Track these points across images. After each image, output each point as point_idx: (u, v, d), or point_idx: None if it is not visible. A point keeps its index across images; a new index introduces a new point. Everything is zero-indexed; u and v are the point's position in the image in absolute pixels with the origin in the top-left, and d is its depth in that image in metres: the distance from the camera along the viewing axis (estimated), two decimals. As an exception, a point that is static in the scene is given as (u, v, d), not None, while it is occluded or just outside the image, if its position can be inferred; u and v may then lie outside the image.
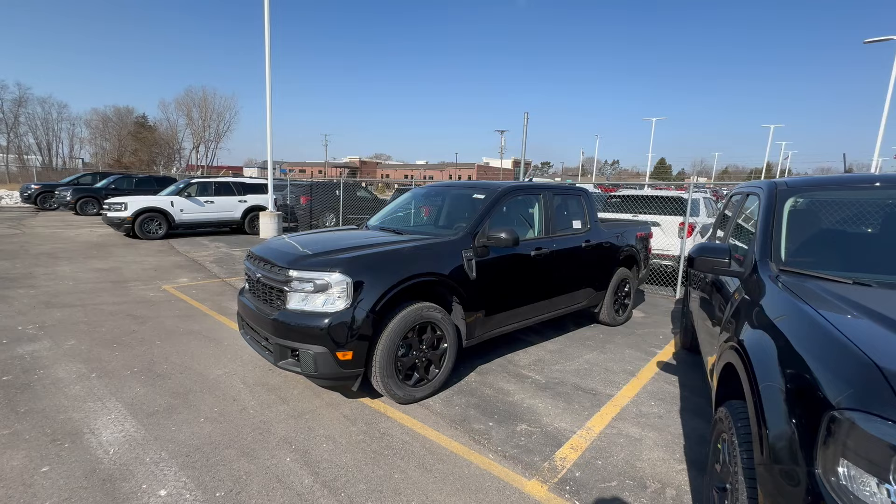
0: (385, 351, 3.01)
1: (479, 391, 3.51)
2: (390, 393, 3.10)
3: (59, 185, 18.60)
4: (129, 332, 4.54)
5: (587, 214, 4.92)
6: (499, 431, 2.92)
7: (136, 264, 8.15)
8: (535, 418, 3.11)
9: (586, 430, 2.97)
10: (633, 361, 4.27)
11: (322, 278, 2.92)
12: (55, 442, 2.62)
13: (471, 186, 4.39)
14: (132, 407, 3.06)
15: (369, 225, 4.54)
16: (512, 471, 2.51)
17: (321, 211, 15.49)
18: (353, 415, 3.07)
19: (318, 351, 2.87)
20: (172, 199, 11.71)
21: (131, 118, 62.89)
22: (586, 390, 3.60)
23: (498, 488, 2.36)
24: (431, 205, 4.63)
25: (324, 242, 3.55)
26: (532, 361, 4.18)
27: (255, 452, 2.60)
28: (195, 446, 2.63)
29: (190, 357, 3.98)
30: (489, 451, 2.68)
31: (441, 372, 3.40)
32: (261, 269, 3.30)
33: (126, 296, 5.95)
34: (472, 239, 3.60)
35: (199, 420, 2.93)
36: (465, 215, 4.04)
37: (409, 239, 3.57)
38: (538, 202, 4.39)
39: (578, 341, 4.82)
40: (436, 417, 3.07)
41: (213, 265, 8.32)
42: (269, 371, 3.74)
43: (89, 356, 3.91)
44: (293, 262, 3.06)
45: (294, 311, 2.98)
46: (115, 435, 2.71)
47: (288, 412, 3.08)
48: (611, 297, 5.21)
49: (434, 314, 3.26)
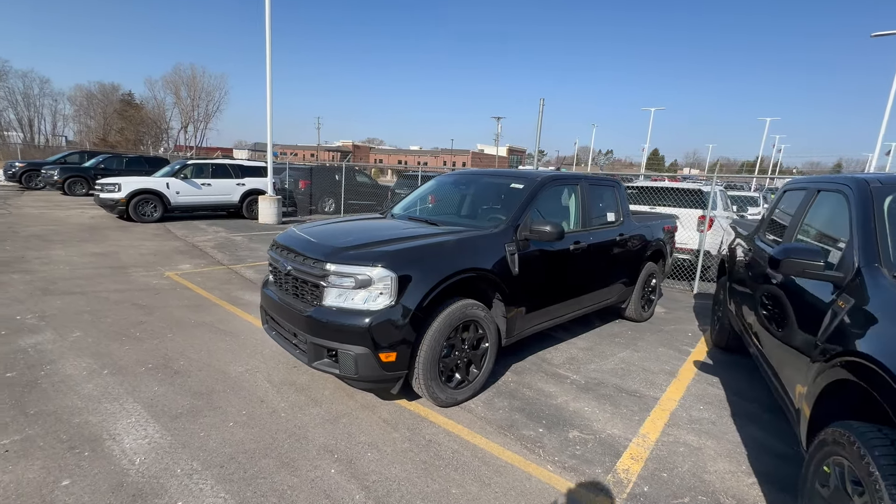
0: (429, 352, 2.80)
1: (519, 393, 3.32)
2: (432, 396, 2.90)
3: (45, 164, 17.88)
4: (137, 323, 4.27)
5: (620, 206, 4.72)
6: (551, 439, 2.74)
7: (134, 249, 7.79)
8: (586, 424, 2.94)
9: (642, 438, 2.81)
10: (670, 361, 4.12)
11: (364, 273, 2.68)
12: (73, 450, 2.38)
13: (505, 175, 4.15)
14: (153, 408, 2.82)
15: (395, 214, 4.28)
16: (575, 485, 2.33)
17: (321, 196, 15.12)
18: (392, 419, 2.87)
19: (359, 352, 2.64)
20: (168, 181, 11.26)
21: (117, 95, 60.92)
22: (630, 392, 3.43)
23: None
24: (461, 194, 4.38)
25: (358, 233, 3.30)
26: (565, 360, 4.01)
27: (295, 463, 2.38)
28: (228, 455, 2.41)
29: (207, 352, 3.73)
30: (547, 462, 2.50)
31: (481, 373, 3.21)
32: (290, 260, 3.04)
33: (128, 283, 5.64)
34: (514, 232, 3.38)
35: (228, 424, 2.70)
36: (502, 206, 3.81)
37: (447, 231, 3.34)
38: (575, 193, 4.17)
39: (607, 338, 4.66)
40: (481, 422, 2.88)
41: (214, 251, 7.99)
42: (293, 368, 3.51)
43: (98, 350, 3.64)
44: (330, 254, 2.81)
45: (331, 307, 2.74)
46: (139, 441, 2.48)
47: (323, 416, 2.86)
48: (639, 293, 5.05)
49: (477, 312, 3.05)
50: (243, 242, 9.01)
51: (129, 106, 59.94)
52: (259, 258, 7.58)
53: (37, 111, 56.20)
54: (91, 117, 59.59)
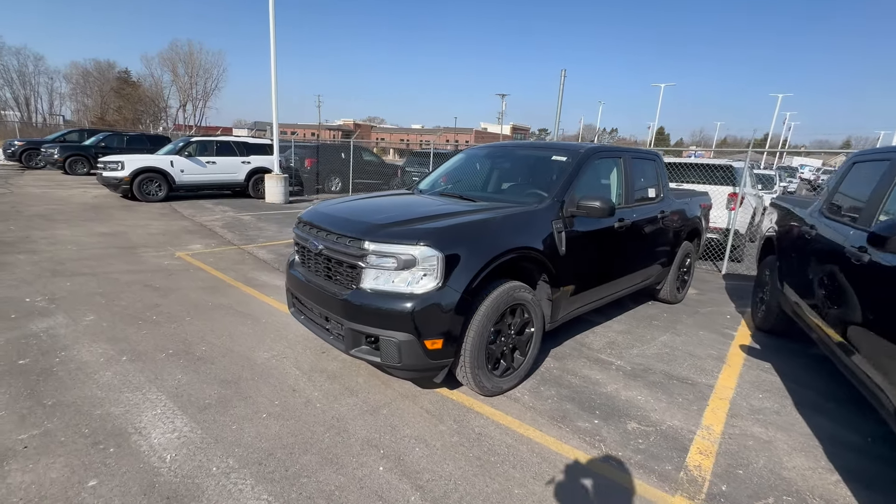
0: (477, 338, 2.57)
1: (564, 380, 3.12)
2: (478, 385, 2.69)
3: (44, 143, 17.49)
4: (153, 306, 4.05)
5: (660, 182, 4.43)
6: (609, 431, 2.54)
7: (141, 228, 7.54)
8: (643, 415, 2.73)
9: (706, 431, 2.60)
10: (715, 345, 3.91)
11: (407, 252, 2.43)
12: (97, 445, 2.18)
13: (544, 147, 3.86)
14: (178, 399, 2.62)
15: (423, 190, 4.00)
16: (647, 483, 2.13)
17: (327, 175, 14.76)
18: (435, 409, 2.67)
19: (402, 339, 2.42)
20: (172, 159, 10.93)
21: (113, 73, 59.67)
22: (681, 380, 3.23)
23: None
24: (494, 168, 4.09)
25: (393, 209, 3.04)
26: (605, 344, 3.79)
27: (339, 459, 2.19)
28: (266, 451, 2.21)
29: (228, 337, 3.52)
30: (611, 458, 2.30)
31: (526, 359, 2.99)
32: (321, 239, 2.79)
33: (139, 263, 5.42)
34: (560, 208, 3.11)
35: (261, 416, 2.50)
36: (542, 181, 3.53)
37: (489, 207, 3.07)
38: (617, 167, 3.87)
39: (644, 321, 4.43)
40: (531, 413, 2.68)
41: (224, 231, 7.74)
42: (322, 354, 3.31)
43: (114, 335, 3.43)
44: (368, 232, 2.56)
45: (371, 290, 2.50)
46: (168, 436, 2.28)
47: (361, 406, 2.66)
48: (675, 273, 4.80)
49: (524, 295, 2.81)
50: (252, 222, 8.76)
51: (126, 84, 58.79)
52: (270, 238, 7.33)
53: (33, 90, 55.24)
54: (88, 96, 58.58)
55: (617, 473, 2.19)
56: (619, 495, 2.05)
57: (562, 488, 2.07)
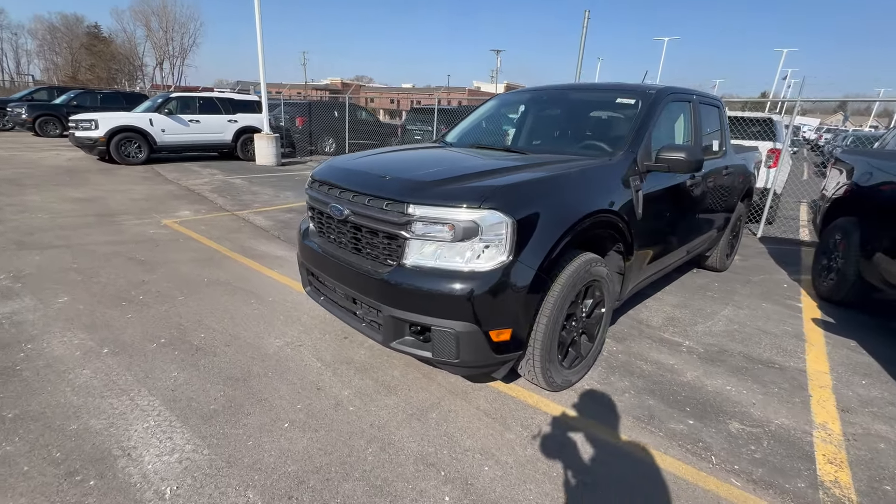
0: (550, 326, 2.05)
1: (635, 367, 2.64)
2: (548, 381, 2.20)
3: (9, 101, 16.13)
4: (139, 284, 3.47)
5: (723, 134, 3.83)
6: (711, 435, 2.08)
7: (122, 193, 6.81)
8: (742, 411, 2.28)
9: (824, 431, 2.16)
10: (786, 320, 3.45)
11: (466, 217, 1.85)
12: (72, 477, 1.66)
13: (603, 89, 3.22)
14: (176, 404, 2.10)
15: (454, 143, 3.37)
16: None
17: (320, 135, 13.83)
18: (495, 411, 2.18)
19: (462, 329, 1.88)
20: (151, 117, 9.97)
21: (82, 28, 55.77)
22: (765, 363, 2.77)
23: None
24: (541, 114, 3.44)
25: (433, 163, 2.44)
26: (664, 321, 3.32)
27: (391, 487, 1.70)
28: (295, 477, 1.72)
29: (230, 320, 2.98)
30: (728, 473, 1.85)
31: (595, 345, 2.50)
32: (345, 202, 2.19)
33: (120, 233, 4.77)
34: (634, 162, 2.53)
35: (283, 426, 2.00)
36: (604, 129, 2.94)
37: (549, 161, 2.47)
38: (685, 113, 3.26)
39: (696, 292, 3.96)
40: (610, 413, 2.20)
41: (214, 195, 7.04)
42: (344, 340, 2.79)
43: (92, 320, 2.86)
44: (412, 191, 1.97)
45: (416, 268, 1.95)
46: (166, 459, 1.77)
47: (403, 408, 2.16)
48: (727, 238, 4.30)
49: (600, 269, 2.28)
50: (244, 186, 8.03)
51: (98, 40, 55.06)
52: (266, 203, 6.66)
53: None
54: (57, 53, 54.94)
55: (744, 497, 1.73)
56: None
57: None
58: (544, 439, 2.00)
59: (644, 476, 1.81)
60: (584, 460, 1.88)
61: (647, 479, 1.80)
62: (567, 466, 1.84)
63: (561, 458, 1.89)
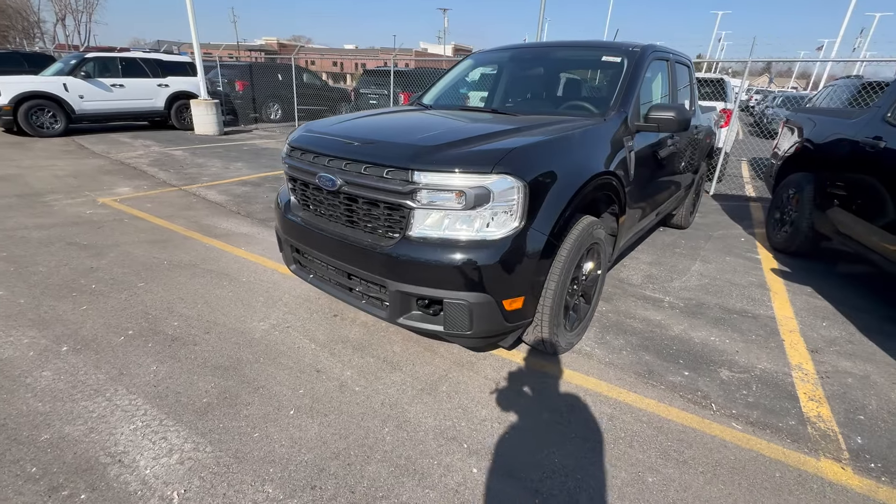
0: (558, 290, 2.03)
1: (626, 325, 2.73)
2: (554, 344, 2.20)
3: None
4: (87, 272, 3.10)
5: (692, 92, 3.91)
6: (706, 384, 2.19)
7: (43, 170, 6.02)
8: (728, 359, 2.42)
9: (800, 371, 2.34)
10: (749, 271, 3.69)
11: (478, 183, 1.75)
12: (57, 492, 1.47)
13: (587, 46, 3.13)
14: (163, 401, 1.91)
15: (430, 104, 3.19)
16: (783, 447, 1.82)
17: (264, 100, 12.85)
18: (502, 379, 2.17)
19: (475, 300, 1.82)
20: (65, 81, 8.78)
21: (-43, -26, 47.30)
22: (739, 313, 2.96)
23: (798, 481, 1.66)
24: (522, 75, 3.32)
25: (429, 126, 2.28)
26: (643, 279, 3.44)
27: (416, 465, 1.65)
28: (314, 465, 1.63)
29: (205, 304, 2.74)
30: (729, 419, 1.96)
31: (591, 307, 2.54)
32: (337, 171, 2.01)
33: (51, 215, 4.23)
34: (625, 121, 2.51)
35: (289, 413, 1.88)
36: (595, 88, 2.89)
37: (545, 122, 2.39)
38: (663, 73, 3.27)
39: (666, 249, 4.13)
40: (614, 371, 2.27)
41: (154, 169, 6.39)
42: (335, 317, 2.66)
43: (40, 315, 2.53)
44: (415, 156, 1.82)
45: (424, 238, 1.84)
46: (165, 461, 1.61)
47: (412, 384, 2.10)
48: (692, 196, 4.49)
49: (599, 232, 2.28)
50: (187, 158, 7.35)
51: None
52: (215, 176, 6.15)
53: None
54: (-73, 5, 46.50)
55: (746, 439, 1.85)
56: (766, 469, 1.72)
57: (698, 467, 1.70)
58: (556, 403, 2.02)
59: (654, 427, 1.89)
60: (598, 419, 1.93)
61: (657, 430, 1.87)
62: (583, 427, 1.88)
63: (575, 419, 1.92)
